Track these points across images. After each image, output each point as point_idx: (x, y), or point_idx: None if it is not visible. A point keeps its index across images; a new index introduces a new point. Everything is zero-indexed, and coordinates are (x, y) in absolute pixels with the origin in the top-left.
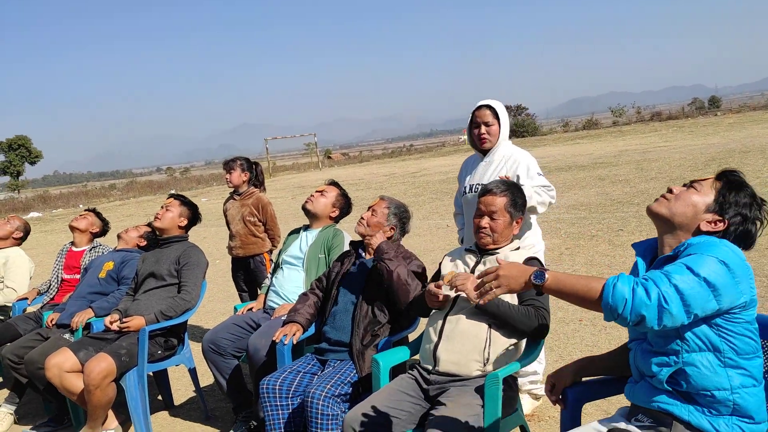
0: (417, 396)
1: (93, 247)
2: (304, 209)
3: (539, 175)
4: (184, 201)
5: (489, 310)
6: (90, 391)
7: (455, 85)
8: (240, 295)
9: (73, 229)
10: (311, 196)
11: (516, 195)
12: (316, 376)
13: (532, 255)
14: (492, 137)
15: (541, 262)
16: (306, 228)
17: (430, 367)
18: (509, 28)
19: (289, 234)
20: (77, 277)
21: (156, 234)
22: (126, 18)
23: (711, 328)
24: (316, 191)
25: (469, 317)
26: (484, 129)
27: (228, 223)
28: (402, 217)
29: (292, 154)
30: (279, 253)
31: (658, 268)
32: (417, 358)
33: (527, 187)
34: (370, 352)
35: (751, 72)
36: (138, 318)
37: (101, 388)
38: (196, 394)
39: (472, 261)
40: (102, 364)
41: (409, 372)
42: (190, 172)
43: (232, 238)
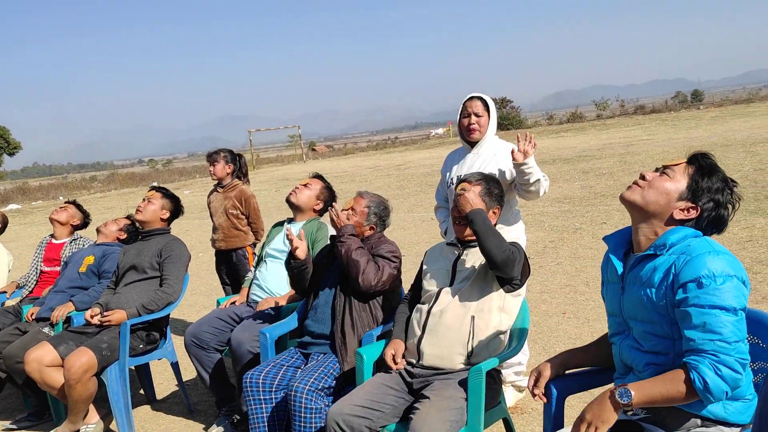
0: (401, 389)
1: (73, 239)
2: (288, 201)
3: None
4: (166, 193)
5: (476, 220)
6: (71, 385)
7: (441, 78)
8: (223, 288)
9: (53, 221)
10: (296, 188)
11: (492, 185)
12: (299, 370)
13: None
14: (481, 128)
15: (522, 248)
16: (290, 221)
17: (414, 360)
18: (494, 21)
19: (273, 227)
20: (57, 269)
21: (137, 227)
22: (106, 5)
23: None
24: (301, 184)
25: (452, 311)
26: (474, 119)
27: (211, 215)
28: (382, 215)
29: (276, 147)
30: (262, 246)
31: (650, 277)
32: None
33: (533, 165)
34: (353, 345)
35: (734, 65)
36: (119, 312)
37: (82, 383)
38: (178, 388)
39: (453, 255)
40: (83, 359)
41: None
42: (172, 164)
43: (215, 230)
